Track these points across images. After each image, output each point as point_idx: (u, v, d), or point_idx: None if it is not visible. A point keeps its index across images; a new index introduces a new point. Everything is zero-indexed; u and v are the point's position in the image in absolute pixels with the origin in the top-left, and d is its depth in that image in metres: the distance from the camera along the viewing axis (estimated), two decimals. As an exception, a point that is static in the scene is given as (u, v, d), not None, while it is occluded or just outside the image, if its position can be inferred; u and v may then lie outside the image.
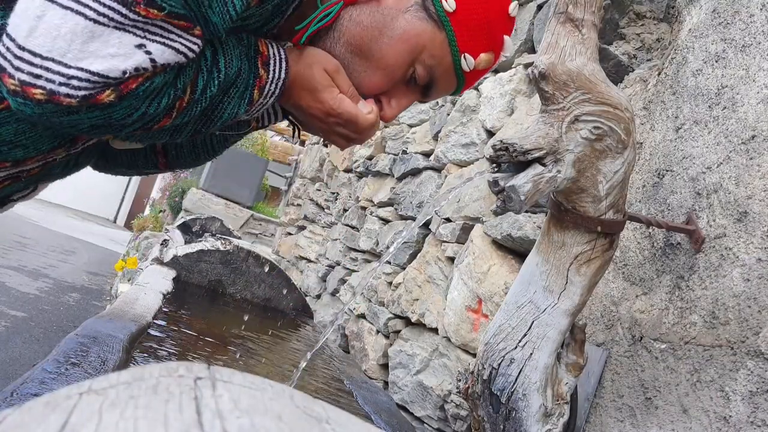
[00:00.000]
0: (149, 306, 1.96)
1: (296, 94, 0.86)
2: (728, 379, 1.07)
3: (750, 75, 1.20)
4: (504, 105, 2.23)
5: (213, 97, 0.78)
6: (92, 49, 0.66)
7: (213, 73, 0.78)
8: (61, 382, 1.04)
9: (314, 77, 0.85)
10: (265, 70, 0.82)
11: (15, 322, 3.81)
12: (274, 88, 0.83)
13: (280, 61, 0.83)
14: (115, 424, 0.28)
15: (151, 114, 0.73)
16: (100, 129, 0.73)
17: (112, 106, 0.69)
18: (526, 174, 1.02)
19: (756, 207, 1.10)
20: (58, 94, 0.66)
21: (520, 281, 1.21)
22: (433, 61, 0.86)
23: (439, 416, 2.07)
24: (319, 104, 0.86)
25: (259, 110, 0.86)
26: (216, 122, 0.82)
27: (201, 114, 0.79)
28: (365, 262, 3.32)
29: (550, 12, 1.15)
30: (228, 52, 0.79)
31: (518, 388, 1.14)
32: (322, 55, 0.86)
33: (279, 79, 0.83)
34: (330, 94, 0.85)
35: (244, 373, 0.37)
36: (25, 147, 0.80)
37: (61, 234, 9.15)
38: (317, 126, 0.90)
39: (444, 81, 0.89)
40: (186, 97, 0.76)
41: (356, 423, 0.35)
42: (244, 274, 2.91)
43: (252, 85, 0.81)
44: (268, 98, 0.84)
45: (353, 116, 0.86)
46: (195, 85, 0.76)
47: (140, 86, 0.70)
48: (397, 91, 0.90)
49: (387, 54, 0.85)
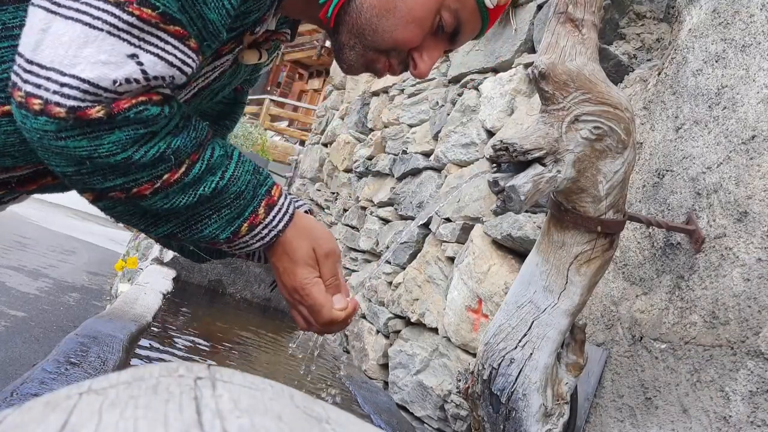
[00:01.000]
0: (149, 306, 1.96)
1: (277, 256, 0.86)
2: (728, 379, 1.07)
3: (750, 75, 1.20)
4: (504, 105, 2.23)
5: (201, 199, 0.77)
6: (85, 55, 0.66)
7: (215, 174, 0.77)
8: (61, 382, 1.04)
9: (300, 249, 0.85)
10: (265, 212, 0.82)
11: (15, 322, 3.81)
12: (265, 234, 0.82)
13: (284, 214, 0.83)
14: (115, 424, 0.28)
15: (135, 161, 0.71)
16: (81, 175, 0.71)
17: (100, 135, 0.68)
18: (526, 174, 1.02)
19: (756, 207, 1.10)
20: (50, 103, 0.66)
21: (520, 281, 1.21)
22: (458, 4, 0.86)
23: (439, 416, 2.07)
24: (291, 277, 0.85)
25: (242, 249, 0.84)
26: (194, 234, 0.80)
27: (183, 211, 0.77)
28: (365, 262, 3.32)
29: (550, 12, 1.15)
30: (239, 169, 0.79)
31: (518, 388, 1.14)
32: (322, 236, 0.86)
33: (275, 228, 0.83)
34: (306, 273, 0.85)
35: (244, 373, 0.37)
36: (14, 157, 0.80)
37: (61, 234, 9.15)
38: (284, 294, 0.89)
39: (470, 23, 0.89)
40: (177, 174, 0.74)
41: (356, 423, 0.35)
42: (244, 274, 2.91)
43: (245, 218, 0.80)
44: (255, 241, 0.83)
45: (318, 305, 0.85)
46: (190, 169, 0.75)
47: (132, 108, 0.69)
48: (426, 44, 0.89)
49: (413, 7, 0.84)
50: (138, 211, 0.78)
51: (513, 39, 2.30)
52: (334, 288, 0.88)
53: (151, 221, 0.80)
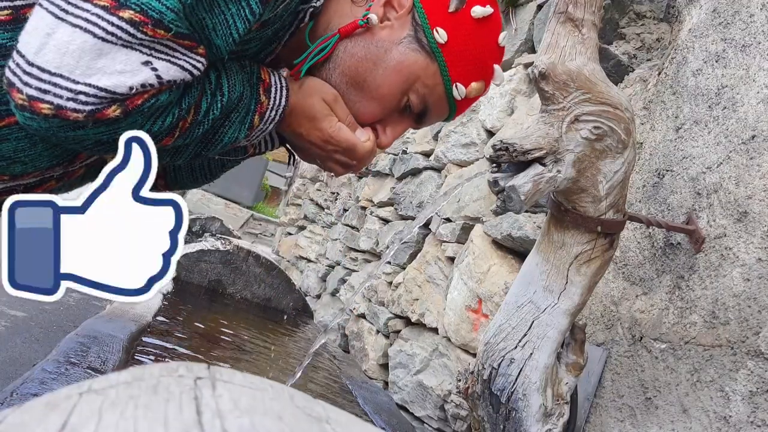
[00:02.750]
0: (149, 306, 1.96)
1: (296, 122, 0.88)
2: (728, 379, 1.07)
3: (750, 75, 1.20)
4: (504, 105, 2.23)
5: (215, 120, 0.80)
6: (100, 66, 0.67)
7: (216, 96, 0.79)
8: (61, 382, 1.04)
9: (314, 106, 0.87)
10: (266, 96, 0.84)
11: (15, 322, 3.81)
12: (274, 115, 0.85)
13: (281, 89, 0.86)
14: (115, 424, 0.28)
15: (154, 132, 0.74)
16: (104, 145, 0.74)
17: (118, 121, 0.70)
18: (526, 174, 1.02)
19: (756, 207, 1.10)
20: (65, 109, 0.67)
21: (520, 281, 1.21)
22: (426, 90, 0.89)
23: (439, 416, 2.07)
24: (318, 132, 0.88)
25: (259, 136, 0.87)
26: (216, 146, 0.83)
27: (202, 136, 0.80)
28: (365, 262, 3.32)
29: (550, 12, 1.15)
30: (231, 77, 0.81)
31: (518, 388, 1.14)
32: (321, 84, 0.89)
33: (279, 106, 0.85)
34: (329, 122, 0.88)
35: (244, 373, 0.37)
36: (24, 163, 0.82)
37: (61, 234, 9.14)
38: (315, 153, 0.92)
39: (437, 108, 0.92)
40: (189, 118, 0.77)
41: (356, 423, 0.35)
42: (244, 274, 2.91)
43: (253, 111, 0.83)
44: (268, 124, 0.86)
45: (351, 144, 0.89)
46: (198, 107, 0.78)
47: (146, 102, 0.71)
48: (391, 120, 0.92)
49: (382, 84, 0.88)
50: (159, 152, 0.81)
51: (513, 39, 2.30)
52: (353, 125, 0.90)
53: (173, 153, 0.82)
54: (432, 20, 0.86)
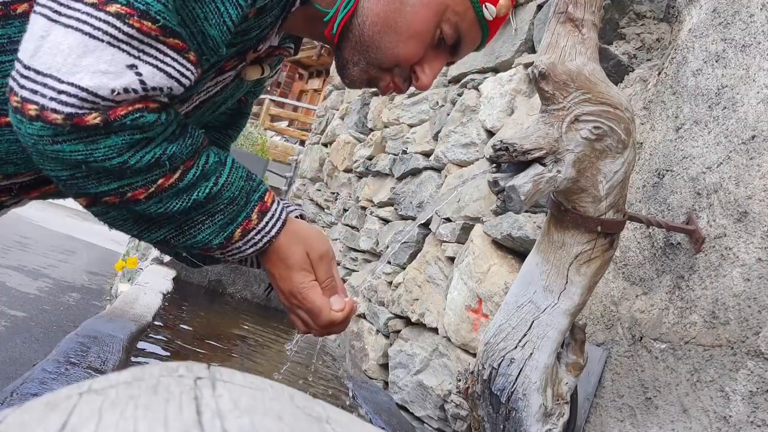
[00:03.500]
0: (149, 306, 1.96)
1: (272, 262, 0.86)
2: (728, 379, 1.07)
3: (750, 75, 1.20)
4: (504, 105, 2.23)
5: (195, 204, 0.77)
6: (85, 64, 0.67)
7: (209, 179, 0.77)
8: (61, 382, 1.04)
9: (294, 255, 0.85)
10: (258, 218, 0.82)
11: (15, 322, 3.81)
12: (257, 239, 0.83)
13: (277, 220, 0.84)
14: (115, 424, 0.28)
15: (130, 167, 0.71)
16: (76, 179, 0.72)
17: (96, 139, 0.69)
18: (526, 174, 1.02)
19: (756, 207, 1.10)
20: (47, 109, 0.67)
21: (520, 281, 1.21)
22: (457, 17, 0.87)
23: (439, 416, 2.07)
24: (287, 282, 0.86)
25: (235, 255, 0.84)
26: (187, 239, 0.80)
27: (177, 216, 0.78)
28: (365, 262, 3.32)
29: (550, 12, 1.15)
30: (233, 175, 0.80)
31: (518, 388, 1.14)
32: (315, 238, 0.87)
33: (267, 234, 0.83)
34: (301, 277, 0.85)
35: (244, 373, 0.37)
36: (16, 164, 0.81)
37: (61, 234, 9.15)
38: (281, 299, 0.90)
39: (470, 35, 0.90)
40: (171, 179, 0.75)
41: (356, 423, 0.35)
42: (244, 274, 2.91)
43: (238, 224, 0.81)
44: (248, 246, 0.83)
45: (316, 308, 0.86)
46: (185, 174, 0.75)
47: (128, 115, 0.69)
48: (427, 57, 0.90)
49: (413, 22, 0.85)
50: (131, 217, 0.78)
51: (513, 39, 2.30)
52: (331, 290, 0.88)
53: (144, 227, 0.80)
54: None
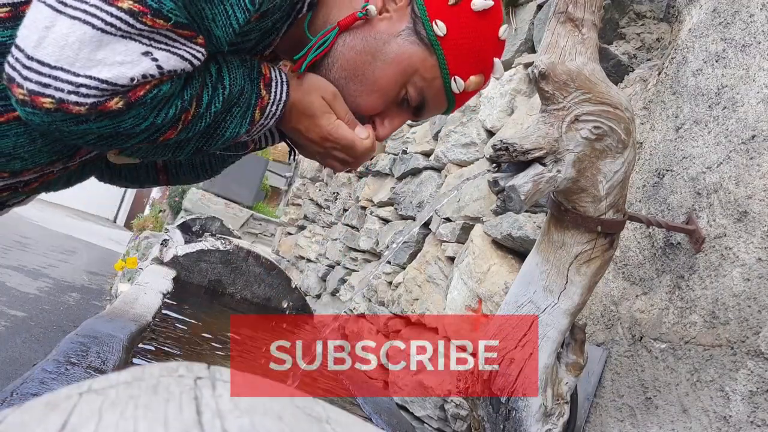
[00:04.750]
0: (149, 306, 1.96)
1: (295, 119, 0.88)
2: (728, 379, 1.07)
3: (750, 75, 1.20)
4: (504, 105, 2.23)
5: (217, 114, 0.80)
6: (100, 58, 0.67)
7: (218, 90, 0.79)
8: (61, 382, 1.04)
9: (313, 103, 0.87)
10: (267, 91, 0.84)
11: (15, 322, 3.81)
12: (275, 110, 0.85)
13: (281, 83, 0.85)
14: (115, 424, 0.28)
15: (158, 124, 0.74)
16: (107, 140, 0.73)
17: (121, 114, 0.70)
18: (526, 174, 1.02)
19: (756, 207, 1.10)
20: (67, 102, 0.67)
21: (520, 281, 1.21)
22: (424, 83, 0.89)
23: (439, 416, 2.07)
24: (316, 129, 0.88)
25: (260, 131, 0.88)
26: (218, 140, 0.83)
27: (204, 130, 0.80)
28: (365, 262, 3.32)
29: (550, 12, 1.15)
30: (232, 71, 0.81)
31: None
32: (320, 81, 0.88)
33: (280, 101, 0.85)
34: (327, 120, 0.88)
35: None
36: (23, 159, 0.81)
37: (61, 234, 9.15)
38: (314, 150, 0.92)
39: (435, 102, 0.92)
40: (192, 111, 0.77)
41: (356, 423, 0.35)
42: (244, 274, 2.91)
43: (254, 105, 0.83)
44: (269, 119, 0.86)
45: (350, 141, 0.89)
46: (200, 100, 0.78)
47: (148, 94, 0.71)
48: (390, 112, 0.92)
49: (380, 77, 0.87)
50: (161, 146, 0.81)
51: (513, 39, 2.30)
52: (352, 122, 0.90)
53: (176, 147, 0.82)
54: (431, 12, 0.85)
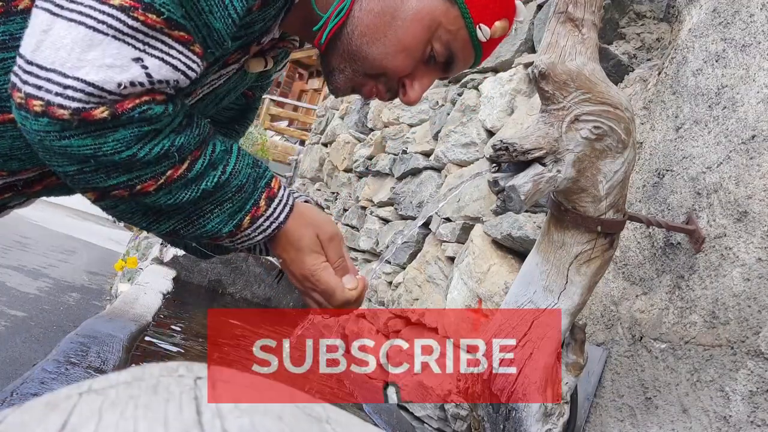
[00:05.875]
0: (149, 306, 1.96)
1: (281, 247, 0.86)
2: (728, 379, 1.07)
3: (750, 75, 1.20)
4: (504, 105, 2.23)
5: (205, 194, 0.77)
6: (90, 58, 0.66)
7: (217, 168, 0.77)
8: (61, 382, 1.04)
9: (303, 237, 0.85)
10: (266, 204, 0.82)
11: (15, 322, 3.81)
12: (267, 226, 0.83)
13: (284, 206, 0.84)
14: (115, 424, 0.28)
15: (139, 159, 0.71)
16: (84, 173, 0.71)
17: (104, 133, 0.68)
18: (526, 174, 1.02)
19: (756, 207, 1.10)
20: (53, 105, 0.66)
21: (520, 281, 1.21)
22: (449, 36, 0.85)
23: (439, 416, 2.07)
24: (300, 265, 0.86)
25: (245, 242, 0.84)
26: (197, 230, 0.81)
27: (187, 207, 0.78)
28: (365, 262, 3.32)
29: (550, 12, 1.15)
30: (239, 164, 0.80)
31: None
32: (323, 220, 0.87)
33: (276, 220, 0.83)
34: (313, 259, 0.85)
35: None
36: (21, 160, 0.81)
37: (61, 234, 9.15)
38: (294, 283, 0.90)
39: (462, 54, 0.88)
40: (180, 170, 0.74)
41: (356, 423, 0.35)
42: (244, 274, 2.91)
43: (247, 211, 0.81)
44: (257, 234, 0.83)
45: (330, 288, 0.86)
46: (193, 165, 0.76)
47: (136, 108, 0.69)
48: (418, 72, 0.88)
49: (403, 36, 0.84)
50: (140, 209, 0.78)
51: (513, 39, 2.30)
52: (342, 269, 0.88)
53: (153, 218, 0.80)
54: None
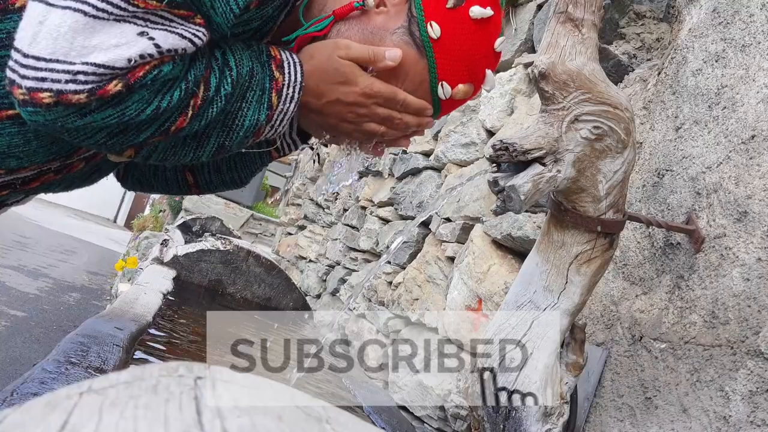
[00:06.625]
0: (149, 306, 1.96)
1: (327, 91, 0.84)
2: (728, 379, 1.07)
3: (750, 75, 1.20)
4: (504, 105, 2.23)
5: (229, 97, 0.77)
6: (95, 44, 0.66)
7: (225, 72, 0.77)
8: (61, 382, 1.04)
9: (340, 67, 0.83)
10: (280, 72, 0.81)
11: (15, 322, 3.81)
12: (292, 92, 0.82)
13: (294, 64, 0.82)
14: (115, 424, 0.28)
15: (164, 109, 0.72)
16: (117, 135, 0.72)
17: (123, 98, 0.69)
18: (526, 174, 1.02)
19: (756, 207, 1.10)
20: (66, 92, 0.66)
21: (520, 281, 1.21)
22: (411, 86, 0.86)
23: (439, 416, 2.07)
24: (355, 90, 0.83)
25: (282, 120, 0.83)
26: (239, 132, 0.80)
27: (221, 119, 0.78)
28: (365, 262, 3.32)
29: (550, 12, 1.15)
30: (236, 52, 0.79)
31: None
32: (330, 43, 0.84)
33: (296, 82, 0.82)
34: (362, 78, 0.83)
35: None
36: (19, 158, 0.80)
37: (61, 234, 9.16)
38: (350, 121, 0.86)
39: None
40: (200, 95, 0.75)
41: (356, 423, 0.35)
42: (244, 274, 2.91)
43: (269, 89, 0.80)
44: (288, 103, 0.82)
45: (391, 90, 0.84)
46: (208, 83, 0.76)
47: (147, 74, 0.69)
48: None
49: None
50: (179, 142, 0.79)
51: (513, 39, 2.30)
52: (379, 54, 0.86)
53: (195, 145, 0.80)
54: (428, 13, 0.83)
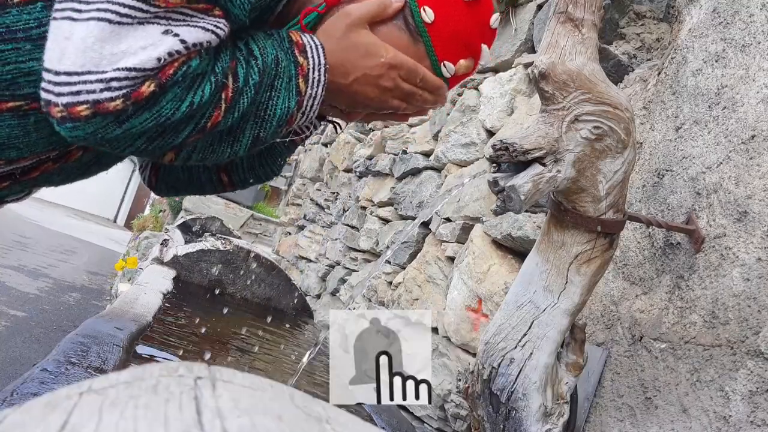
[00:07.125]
0: (149, 306, 1.96)
1: (352, 69, 0.83)
2: (728, 379, 1.07)
3: (750, 75, 1.20)
4: (504, 105, 2.23)
5: (257, 87, 0.77)
6: (123, 49, 0.67)
7: (250, 62, 0.77)
8: (61, 382, 1.04)
9: (357, 38, 0.83)
10: (303, 57, 0.81)
11: (15, 322, 3.81)
12: (318, 75, 0.82)
13: (316, 47, 0.82)
14: (115, 424, 0.28)
15: (198, 104, 0.73)
16: (156, 139, 0.72)
17: (157, 99, 0.69)
18: (526, 174, 1.02)
19: (756, 207, 1.10)
20: (102, 101, 0.67)
21: (520, 281, 1.21)
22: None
23: (439, 416, 2.07)
24: (378, 60, 0.83)
25: (312, 105, 0.83)
26: (272, 122, 0.81)
27: (253, 110, 0.79)
28: (365, 262, 3.32)
29: (550, 12, 1.15)
30: (260, 42, 0.80)
31: (518, 388, 1.14)
32: (338, 18, 0.84)
33: (320, 65, 0.82)
34: (385, 49, 0.83)
35: (245, 373, 0.37)
36: (19, 149, 0.81)
37: (61, 234, 9.16)
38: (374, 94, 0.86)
39: None
40: (230, 86, 0.76)
41: (356, 423, 0.35)
42: (244, 274, 2.91)
43: (295, 75, 0.80)
44: (316, 87, 0.82)
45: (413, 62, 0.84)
46: (236, 74, 0.76)
47: (178, 71, 0.70)
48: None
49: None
50: (216, 139, 0.80)
51: (513, 39, 2.30)
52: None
53: (231, 140, 0.80)
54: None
